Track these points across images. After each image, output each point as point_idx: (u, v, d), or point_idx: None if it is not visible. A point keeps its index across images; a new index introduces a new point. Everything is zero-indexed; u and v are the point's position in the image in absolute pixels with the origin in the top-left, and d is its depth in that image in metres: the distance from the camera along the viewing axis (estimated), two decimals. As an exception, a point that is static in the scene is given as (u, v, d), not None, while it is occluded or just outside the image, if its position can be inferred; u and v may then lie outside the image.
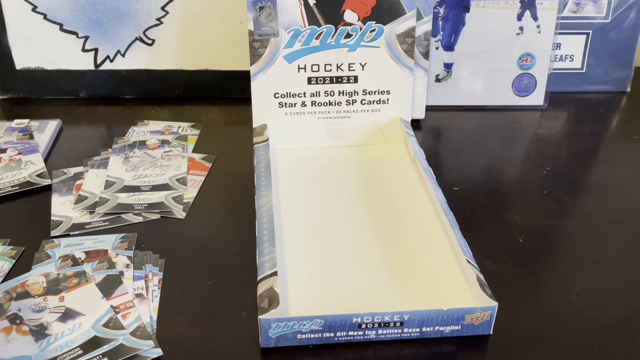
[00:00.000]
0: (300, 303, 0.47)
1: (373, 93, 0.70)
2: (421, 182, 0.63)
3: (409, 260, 0.52)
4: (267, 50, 0.67)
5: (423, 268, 0.51)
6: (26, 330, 0.45)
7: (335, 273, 0.50)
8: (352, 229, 0.56)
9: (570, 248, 0.56)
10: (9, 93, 0.82)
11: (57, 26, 0.79)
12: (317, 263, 0.52)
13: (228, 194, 0.63)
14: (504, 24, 0.79)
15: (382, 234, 0.55)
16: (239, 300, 0.49)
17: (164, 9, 0.79)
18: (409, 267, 0.51)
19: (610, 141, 0.76)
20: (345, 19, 0.67)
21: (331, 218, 0.58)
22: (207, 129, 0.76)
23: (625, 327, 0.47)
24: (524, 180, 0.67)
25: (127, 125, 0.76)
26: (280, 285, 0.48)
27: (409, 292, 0.48)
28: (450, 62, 0.81)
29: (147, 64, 0.82)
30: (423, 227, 0.56)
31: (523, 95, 0.83)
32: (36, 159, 0.67)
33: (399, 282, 0.49)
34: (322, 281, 0.50)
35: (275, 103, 0.69)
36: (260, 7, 0.66)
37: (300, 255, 0.53)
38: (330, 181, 0.64)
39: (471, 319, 0.45)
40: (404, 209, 0.59)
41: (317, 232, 0.56)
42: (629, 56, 0.86)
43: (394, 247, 0.54)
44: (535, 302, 0.50)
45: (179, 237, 0.56)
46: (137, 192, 0.62)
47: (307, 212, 0.59)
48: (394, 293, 0.48)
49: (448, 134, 0.77)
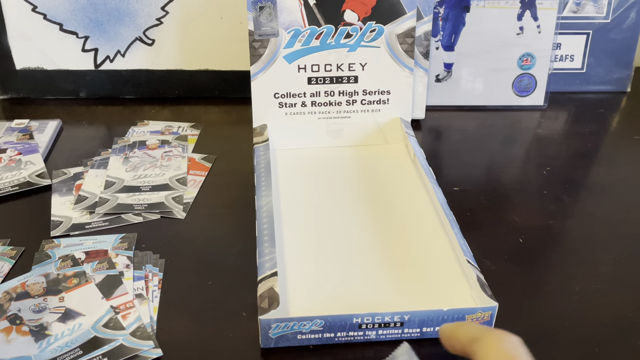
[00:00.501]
0: (300, 303, 0.47)
1: (373, 93, 0.70)
2: (421, 182, 0.63)
3: (409, 260, 0.52)
4: (267, 50, 0.67)
5: (423, 268, 0.51)
6: (26, 330, 0.45)
7: (336, 273, 0.50)
8: (352, 229, 0.56)
9: (571, 248, 0.56)
10: (9, 93, 0.82)
11: (57, 26, 0.79)
12: (317, 263, 0.52)
13: (228, 194, 0.63)
14: (504, 24, 0.79)
15: (382, 234, 0.55)
16: (239, 301, 0.49)
17: (164, 9, 0.79)
18: (409, 268, 0.51)
19: (610, 141, 0.76)
20: (345, 19, 0.67)
21: (331, 218, 0.58)
22: (207, 129, 0.76)
23: (625, 327, 0.47)
24: (524, 180, 0.67)
25: (127, 125, 0.76)
26: (280, 286, 0.48)
27: (409, 293, 0.48)
28: (451, 62, 0.81)
29: (147, 64, 0.82)
30: (423, 227, 0.56)
31: (523, 95, 0.83)
32: (36, 159, 0.67)
33: (399, 283, 0.49)
34: (322, 281, 0.50)
35: (275, 103, 0.69)
36: (260, 7, 0.66)
37: (301, 256, 0.52)
38: (330, 181, 0.64)
39: (471, 320, 0.45)
40: (404, 209, 0.59)
41: (317, 232, 0.56)
42: (629, 56, 0.86)
43: (394, 247, 0.54)
44: (535, 303, 0.50)
45: (179, 237, 0.56)
46: (137, 193, 0.62)
47: (307, 212, 0.58)
48: (394, 293, 0.48)
49: (448, 134, 0.77)
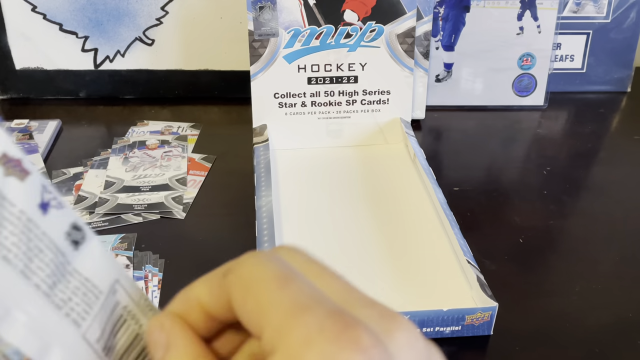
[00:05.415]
0: (300, 303, 0.47)
1: (373, 93, 0.70)
2: (421, 182, 0.63)
3: (409, 260, 0.52)
4: (267, 50, 0.67)
5: (423, 268, 0.51)
6: None
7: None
8: (352, 229, 0.56)
9: (571, 248, 0.56)
10: (9, 93, 0.82)
11: (57, 26, 0.79)
12: (317, 263, 0.52)
13: (228, 194, 0.63)
14: (504, 24, 0.79)
15: (382, 234, 0.55)
16: (238, 301, 0.49)
17: (164, 9, 0.79)
18: (409, 268, 0.51)
19: (610, 141, 0.76)
20: (345, 19, 0.67)
21: (331, 218, 0.58)
22: (207, 129, 0.76)
23: (625, 327, 0.47)
24: (524, 180, 0.67)
25: (127, 125, 0.76)
26: (280, 286, 0.48)
27: (409, 292, 0.48)
28: (451, 62, 0.81)
29: (147, 64, 0.82)
30: (423, 227, 0.56)
31: (523, 95, 0.83)
32: (36, 160, 0.67)
33: (399, 282, 0.49)
34: (322, 281, 0.49)
35: (275, 103, 0.69)
36: (260, 7, 0.65)
37: (300, 256, 0.52)
38: (330, 181, 0.64)
39: (471, 320, 0.45)
40: (404, 209, 0.59)
41: (317, 232, 0.56)
42: (629, 56, 0.86)
43: (394, 247, 0.54)
44: (535, 303, 0.50)
45: (179, 238, 0.56)
46: (137, 193, 0.62)
47: (307, 212, 0.58)
48: (394, 293, 0.48)
49: (448, 134, 0.77)
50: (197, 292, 0.22)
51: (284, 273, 0.20)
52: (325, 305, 0.19)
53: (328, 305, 0.19)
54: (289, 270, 0.20)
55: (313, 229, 0.56)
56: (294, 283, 0.19)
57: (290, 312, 0.19)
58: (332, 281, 0.21)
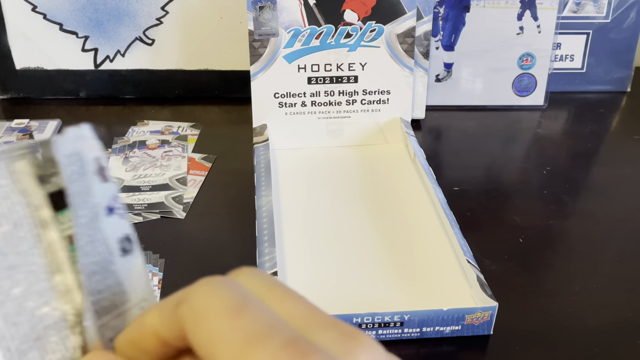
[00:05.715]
0: (300, 303, 0.47)
1: (373, 93, 0.70)
2: (421, 182, 0.63)
3: (409, 260, 0.52)
4: (267, 50, 0.67)
5: (423, 268, 0.51)
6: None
7: (335, 273, 0.50)
8: (352, 229, 0.56)
9: (571, 248, 0.56)
10: (9, 93, 0.82)
11: (57, 26, 0.79)
12: (317, 263, 0.52)
13: (228, 194, 0.63)
14: (504, 24, 0.79)
15: (382, 234, 0.55)
16: (239, 301, 0.49)
17: (164, 9, 0.79)
18: (409, 267, 0.51)
19: (610, 141, 0.76)
20: (345, 18, 0.67)
21: (331, 218, 0.58)
22: (207, 129, 0.76)
23: (625, 327, 0.47)
24: (524, 180, 0.67)
25: (127, 125, 0.76)
26: (280, 286, 0.48)
27: (409, 292, 0.48)
28: (450, 62, 0.81)
29: (147, 64, 0.82)
30: (423, 227, 0.56)
31: (523, 95, 0.83)
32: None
33: (399, 282, 0.49)
34: (322, 281, 0.50)
35: (275, 103, 0.69)
36: (260, 7, 0.65)
37: (300, 255, 0.52)
38: (330, 181, 0.64)
39: (471, 319, 0.45)
40: (404, 209, 0.59)
41: (317, 232, 0.56)
42: (629, 56, 0.86)
43: (394, 247, 0.54)
44: (535, 302, 0.50)
45: (179, 237, 0.56)
46: (137, 192, 0.62)
47: (307, 212, 0.58)
48: (394, 293, 0.48)
49: (448, 134, 0.77)
50: (150, 321, 0.21)
51: (237, 301, 0.19)
52: (280, 334, 0.18)
53: (284, 333, 0.18)
54: (243, 298, 0.19)
55: (313, 229, 0.56)
56: (247, 311, 0.19)
57: (242, 343, 0.18)
58: (292, 304, 0.20)
